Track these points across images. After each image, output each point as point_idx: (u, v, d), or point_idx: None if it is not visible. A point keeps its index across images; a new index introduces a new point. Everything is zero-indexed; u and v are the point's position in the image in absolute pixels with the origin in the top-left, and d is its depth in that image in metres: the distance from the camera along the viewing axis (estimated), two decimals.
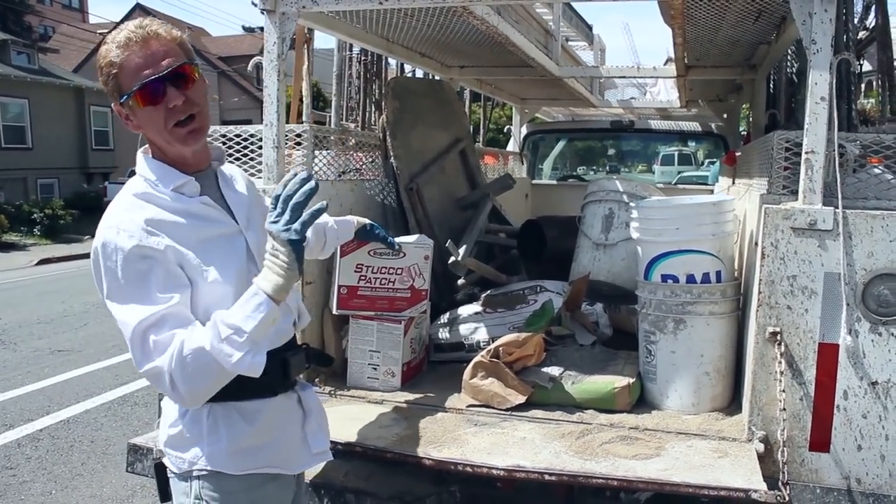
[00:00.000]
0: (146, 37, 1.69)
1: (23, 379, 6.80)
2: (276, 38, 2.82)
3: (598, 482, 2.19)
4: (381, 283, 2.87)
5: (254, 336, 1.60)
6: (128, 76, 1.69)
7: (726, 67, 4.48)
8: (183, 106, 1.71)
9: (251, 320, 1.60)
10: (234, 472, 1.78)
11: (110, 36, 1.73)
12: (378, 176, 3.64)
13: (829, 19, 2.28)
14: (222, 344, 1.59)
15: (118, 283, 1.64)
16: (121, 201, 1.74)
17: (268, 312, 1.62)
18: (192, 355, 1.59)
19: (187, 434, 1.79)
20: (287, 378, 1.89)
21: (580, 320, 3.21)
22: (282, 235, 1.63)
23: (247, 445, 1.80)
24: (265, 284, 1.64)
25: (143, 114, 1.72)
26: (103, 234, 1.67)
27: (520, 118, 7.01)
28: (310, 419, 1.95)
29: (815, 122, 2.29)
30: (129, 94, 1.69)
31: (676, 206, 2.83)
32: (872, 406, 2.28)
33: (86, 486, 4.53)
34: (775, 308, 2.33)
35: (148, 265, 1.64)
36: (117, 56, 1.68)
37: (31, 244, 19.63)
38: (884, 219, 2.23)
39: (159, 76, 1.68)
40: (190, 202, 1.77)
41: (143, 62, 1.68)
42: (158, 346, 1.60)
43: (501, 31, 3.30)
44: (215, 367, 1.60)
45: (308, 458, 1.96)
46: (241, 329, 1.59)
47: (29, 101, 25.13)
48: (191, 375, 1.60)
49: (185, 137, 1.74)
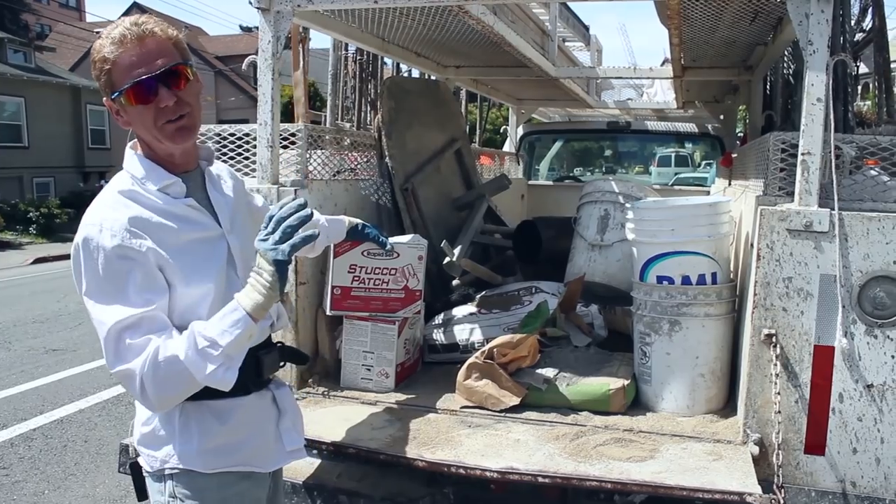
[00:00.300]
0: (141, 35, 1.68)
1: (17, 378, 6.77)
2: (271, 36, 2.81)
3: (592, 484, 2.18)
4: (374, 283, 2.86)
5: (228, 351, 1.61)
6: (120, 73, 1.68)
7: (723, 68, 4.47)
8: (174, 106, 1.70)
9: (227, 335, 1.61)
10: (205, 470, 1.78)
11: (106, 30, 1.72)
12: (373, 176, 3.63)
13: (825, 20, 2.27)
14: (197, 355, 1.60)
15: (97, 281, 1.64)
16: (105, 198, 1.73)
17: (245, 329, 1.63)
18: (166, 363, 1.60)
19: (159, 433, 1.79)
20: (260, 377, 1.90)
21: (575, 321, 3.20)
22: (269, 254, 1.64)
23: (218, 444, 1.80)
24: (246, 301, 1.65)
25: (134, 111, 1.71)
26: (86, 230, 1.66)
27: (516, 119, 7.00)
28: (284, 417, 1.95)
29: (811, 123, 2.29)
30: (121, 91, 1.68)
31: (672, 208, 2.82)
32: (868, 409, 2.27)
33: (79, 485, 4.50)
34: (771, 310, 2.32)
35: (128, 266, 1.64)
36: (111, 52, 1.67)
37: (26, 243, 19.58)
38: (880, 221, 2.23)
39: (151, 75, 1.67)
40: (175, 203, 1.76)
41: (136, 60, 1.67)
42: (132, 348, 1.61)
43: (497, 30, 3.29)
44: (187, 376, 1.61)
45: (282, 456, 1.96)
46: (216, 343, 1.60)
47: (25, 99, 25.05)
48: (162, 382, 1.61)
49: (174, 134, 1.73)
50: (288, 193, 2.81)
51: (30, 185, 24.81)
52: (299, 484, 2.54)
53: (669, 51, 3.82)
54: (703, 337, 2.64)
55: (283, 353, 2.01)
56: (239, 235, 1.87)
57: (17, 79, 24.59)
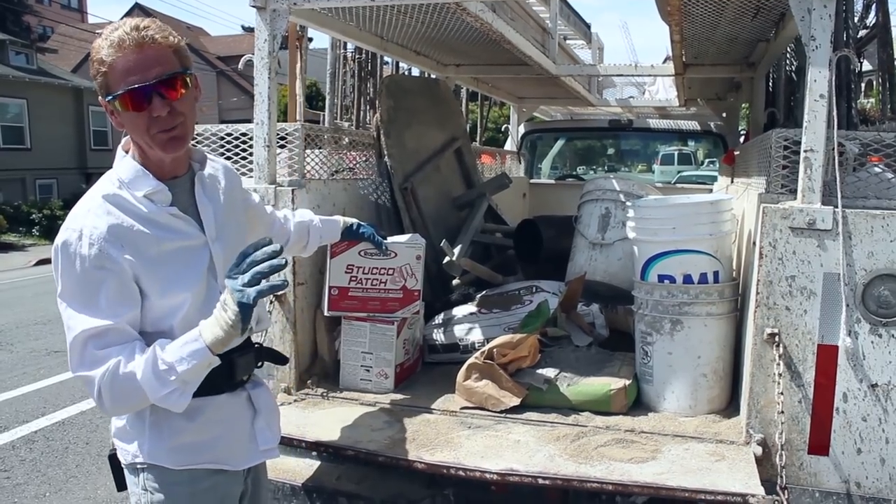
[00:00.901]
0: (141, 41, 1.67)
1: (18, 380, 6.76)
2: (267, 35, 2.79)
3: (593, 486, 2.16)
4: (372, 283, 2.83)
5: (185, 377, 1.65)
6: (116, 78, 1.67)
7: (725, 65, 4.44)
8: (167, 116, 1.70)
9: (185, 363, 1.64)
10: (173, 466, 1.81)
11: (107, 30, 1.71)
12: (372, 175, 3.61)
13: (828, 15, 2.24)
14: (154, 377, 1.63)
15: (71, 287, 1.67)
16: (88, 202, 1.74)
17: (202, 360, 1.65)
18: (123, 378, 1.64)
19: (130, 428, 1.82)
20: (232, 378, 1.90)
21: (576, 321, 3.17)
22: (234, 295, 1.63)
23: (187, 441, 1.82)
24: (207, 335, 1.66)
25: (127, 116, 1.71)
26: (66, 234, 1.68)
27: (517, 117, 6.98)
28: (259, 417, 1.96)
29: (814, 119, 2.26)
30: (115, 95, 1.68)
31: (673, 206, 2.80)
32: (872, 409, 2.25)
33: (80, 488, 4.49)
34: (773, 309, 2.30)
35: (102, 276, 1.66)
36: (108, 55, 1.67)
37: (29, 244, 19.59)
38: (884, 218, 2.21)
39: (146, 84, 1.67)
40: (158, 211, 1.76)
41: (132, 66, 1.66)
42: (96, 358, 1.65)
43: (496, 28, 3.27)
44: (141, 393, 1.65)
45: (255, 454, 1.97)
46: (174, 368, 1.63)
47: (27, 101, 25.06)
48: (118, 395, 1.66)
49: (166, 144, 1.73)
50: (286, 193, 2.79)
51: (32, 187, 24.83)
52: (298, 486, 2.53)
53: (671, 48, 3.79)
54: (705, 336, 2.61)
55: (259, 354, 2.01)
56: (224, 242, 1.87)
57: (20, 80, 24.61)
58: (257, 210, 2.20)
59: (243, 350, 1.93)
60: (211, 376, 1.75)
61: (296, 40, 3.58)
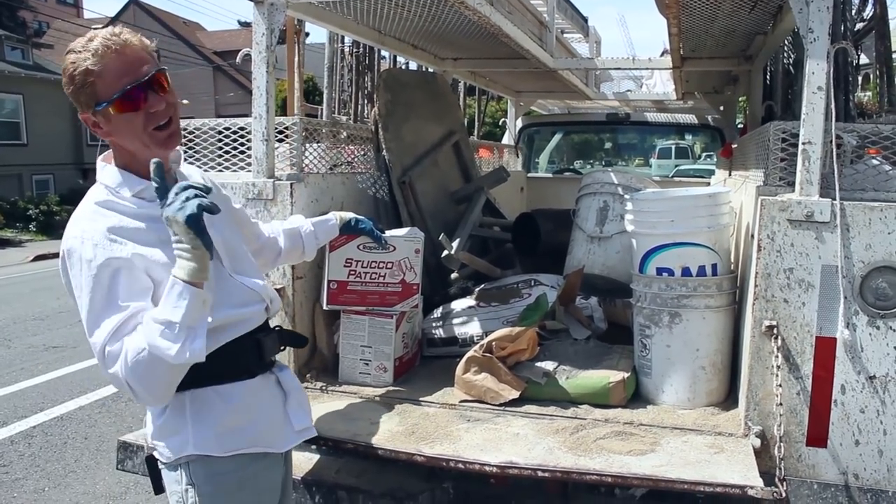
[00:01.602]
0: (122, 44, 1.72)
1: (17, 376, 6.76)
2: (265, 29, 2.79)
3: (592, 478, 2.16)
4: (371, 277, 2.83)
5: (186, 323, 1.62)
6: (108, 84, 1.70)
7: (722, 59, 4.44)
8: (165, 109, 1.76)
9: (178, 310, 1.62)
10: (221, 453, 1.84)
11: (78, 45, 1.74)
12: (370, 169, 3.60)
13: (826, 7, 2.24)
14: (157, 340, 1.61)
15: (83, 291, 1.70)
16: (83, 211, 1.78)
17: (191, 298, 1.63)
18: (136, 358, 1.62)
19: (172, 423, 1.84)
20: (262, 359, 1.96)
21: (574, 314, 3.18)
22: (178, 215, 1.61)
23: (231, 426, 1.85)
24: (179, 272, 1.65)
25: (122, 120, 1.74)
26: (68, 243, 1.72)
27: (515, 111, 6.97)
28: (290, 398, 2.01)
29: (811, 112, 2.26)
30: (110, 101, 1.71)
31: (671, 199, 2.79)
32: (870, 400, 2.25)
33: (79, 482, 4.50)
34: (772, 301, 2.30)
35: (112, 273, 1.68)
36: (94, 64, 1.69)
37: (26, 240, 19.58)
38: (882, 210, 2.21)
39: (140, 82, 1.72)
40: (150, 206, 1.78)
41: (122, 69, 1.71)
42: (113, 355, 1.66)
43: (494, 21, 3.26)
44: (160, 364, 1.63)
45: (292, 435, 2.02)
46: (170, 321, 1.62)
47: (23, 96, 25.00)
48: (142, 377, 1.64)
49: (165, 141, 1.79)
50: (284, 187, 2.79)
51: (29, 183, 24.78)
52: (298, 480, 2.52)
53: (668, 41, 3.78)
54: (703, 329, 2.61)
55: (282, 337, 2.07)
56: (220, 228, 1.89)
57: (15, 76, 24.54)
58: (239, 215, 2.20)
59: (267, 331, 1.99)
60: (241, 358, 1.83)
61: (293, 34, 3.57)
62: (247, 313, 1.91)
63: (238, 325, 1.88)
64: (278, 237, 2.40)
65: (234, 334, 1.86)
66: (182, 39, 36.93)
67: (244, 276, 1.96)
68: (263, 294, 1.97)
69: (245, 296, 1.93)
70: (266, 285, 2.03)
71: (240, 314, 1.89)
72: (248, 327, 1.91)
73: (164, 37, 31.98)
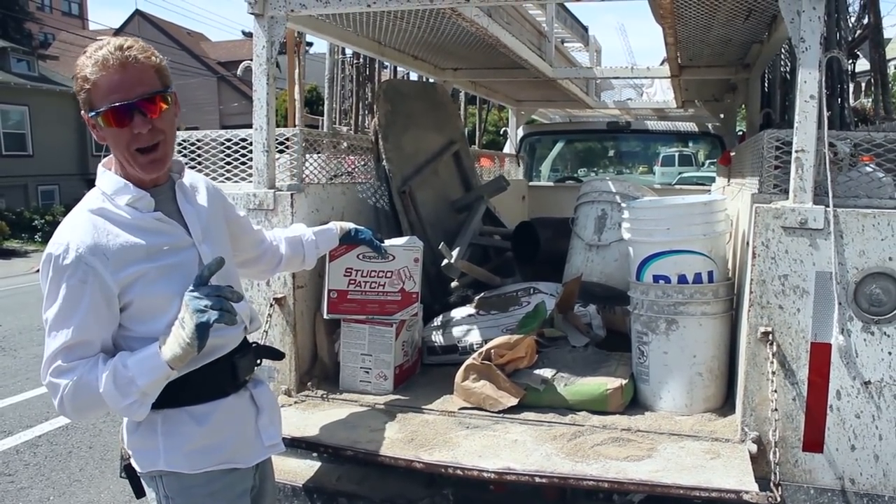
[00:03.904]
0: (124, 61, 1.74)
1: (22, 385, 6.79)
2: (265, 41, 2.82)
3: (589, 484, 2.18)
4: (370, 286, 2.86)
5: (145, 390, 1.74)
6: (99, 96, 1.74)
7: (720, 67, 4.47)
8: (148, 134, 1.77)
9: (145, 377, 1.73)
10: (191, 471, 1.87)
11: (91, 49, 1.77)
12: (370, 179, 3.63)
13: (817, 17, 2.27)
14: (115, 389, 1.72)
15: (54, 298, 1.74)
16: (75, 218, 1.81)
17: (161, 374, 1.74)
18: (86, 390, 1.72)
19: (144, 439, 1.89)
20: (236, 379, 1.98)
21: (573, 322, 3.19)
22: (195, 315, 1.71)
23: (201, 445, 1.88)
24: (165, 351, 1.74)
25: (109, 132, 1.78)
26: (52, 248, 1.75)
27: (516, 120, 7.00)
28: (262, 414, 2.04)
29: (804, 120, 2.29)
30: (98, 112, 1.75)
31: (667, 207, 2.82)
32: (865, 406, 2.27)
33: (83, 491, 4.51)
34: (767, 308, 2.32)
35: (83, 290, 1.73)
36: (92, 73, 1.73)
37: (31, 251, 19.62)
38: (875, 217, 2.23)
39: (128, 102, 1.74)
40: (143, 217, 1.83)
41: (115, 85, 1.73)
42: (62, 369, 1.73)
43: (492, 32, 3.29)
44: (102, 404, 1.75)
45: (261, 450, 2.05)
46: (134, 381, 1.72)
47: (29, 108, 25.13)
48: (79, 406, 1.76)
49: (147, 166, 1.82)
50: (284, 198, 2.82)
51: (34, 193, 24.89)
52: (299, 487, 2.55)
53: (665, 50, 3.82)
54: (700, 335, 2.63)
55: (258, 353, 2.09)
56: (211, 243, 1.94)
57: (21, 87, 24.66)
58: (241, 223, 2.23)
59: (243, 351, 2.00)
60: (215, 379, 1.88)
61: (294, 46, 3.61)
62: (226, 337, 1.93)
63: (215, 349, 1.90)
64: (280, 244, 2.42)
65: (211, 358, 1.88)
66: (186, 50, 37.06)
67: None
68: (243, 315, 1.99)
69: None
70: (246, 305, 2.04)
71: (219, 338, 1.88)
72: (225, 350, 1.93)
73: (168, 47, 32.13)
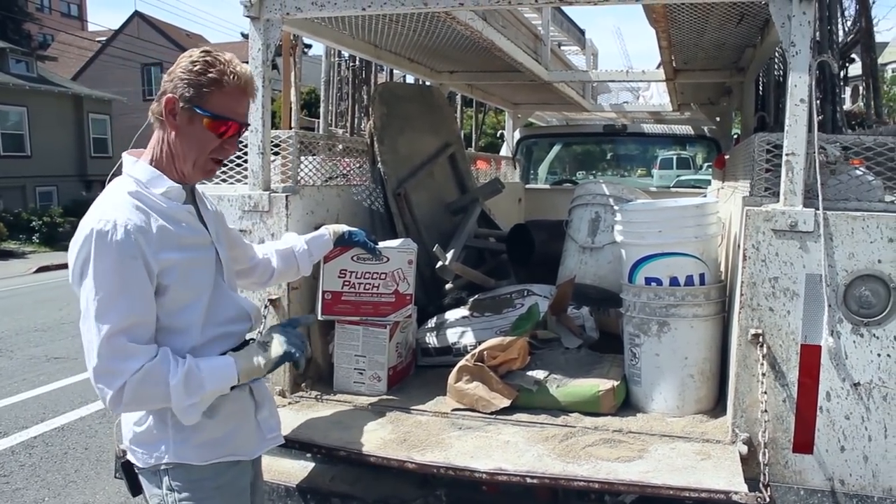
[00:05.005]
0: (250, 90, 1.91)
1: (18, 386, 6.79)
2: (261, 44, 2.83)
3: (580, 485, 2.19)
4: (365, 288, 2.88)
5: (209, 395, 1.84)
6: (220, 101, 1.84)
7: (714, 70, 4.49)
8: (229, 151, 1.95)
9: (215, 383, 1.85)
10: (199, 462, 1.92)
11: (226, 55, 1.87)
12: (366, 181, 3.65)
13: (807, 22, 2.29)
14: (184, 386, 1.78)
15: (105, 275, 1.72)
16: (115, 198, 1.81)
17: (227, 384, 1.88)
18: (157, 380, 1.76)
19: (154, 431, 1.91)
20: None
21: (566, 323, 3.21)
22: (284, 346, 1.97)
23: (209, 437, 1.92)
24: (242, 364, 1.90)
25: (201, 132, 1.85)
26: (99, 224, 1.72)
27: (512, 123, 7.01)
28: (262, 408, 2.09)
29: (795, 123, 2.31)
30: (210, 114, 1.82)
31: (659, 209, 2.84)
32: (855, 407, 2.28)
33: (79, 493, 4.52)
34: (757, 310, 2.34)
35: (137, 266, 1.74)
36: (227, 82, 1.84)
37: (29, 252, 19.64)
38: (864, 220, 2.24)
39: (240, 122, 1.90)
40: (177, 208, 1.88)
41: (238, 104, 1.89)
42: (127, 351, 1.73)
43: (486, 36, 3.31)
44: (165, 399, 1.79)
45: (262, 443, 2.11)
46: (204, 385, 1.82)
47: (28, 109, 25.13)
48: (143, 394, 1.77)
49: (208, 173, 1.97)
50: (280, 199, 2.83)
51: (32, 195, 24.87)
52: (293, 487, 2.56)
53: (660, 53, 3.84)
54: (691, 337, 2.65)
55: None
56: (223, 245, 2.02)
57: (20, 88, 24.66)
58: (233, 235, 2.27)
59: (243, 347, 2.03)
60: None
61: (290, 49, 3.62)
62: (234, 330, 2.00)
63: (224, 341, 1.96)
64: (272, 258, 2.45)
65: (218, 351, 1.93)
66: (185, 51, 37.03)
67: (236, 292, 2.07)
68: (252, 313, 2.07)
69: (236, 312, 2.01)
70: (254, 304, 2.14)
71: (228, 331, 1.97)
72: (232, 344, 1.98)
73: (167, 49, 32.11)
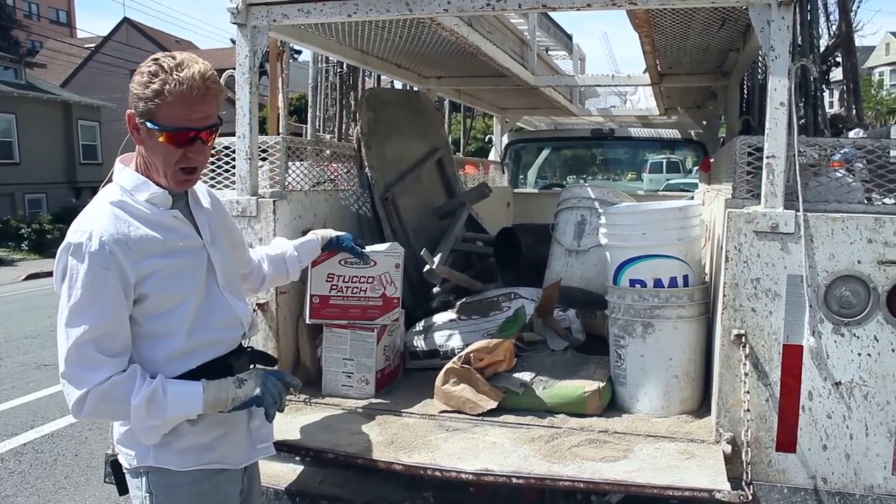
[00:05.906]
0: (206, 92, 1.79)
1: (7, 394, 6.77)
2: (248, 51, 2.85)
3: (565, 485, 2.21)
4: (352, 291, 2.89)
5: (170, 420, 1.82)
6: (168, 113, 1.77)
7: (699, 75, 4.53)
8: (197, 158, 1.86)
9: (177, 409, 1.82)
10: (178, 468, 1.90)
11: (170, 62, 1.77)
12: (353, 186, 3.67)
13: (786, 26, 2.32)
14: (146, 407, 1.77)
15: (77, 285, 1.75)
16: (96, 209, 1.83)
17: (191, 413, 1.84)
18: (119, 396, 1.76)
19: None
20: None
21: (552, 326, 3.23)
22: (260, 390, 1.90)
23: (192, 444, 1.91)
24: (209, 396, 1.84)
25: (162, 147, 1.81)
26: (75, 237, 1.76)
27: (500, 128, 7.04)
28: (254, 416, 2.06)
29: (774, 127, 2.34)
30: (161, 127, 1.78)
31: (643, 212, 2.87)
32: (837, 406, 2.31)
33: (69, 499, 4.51)
34: (740, 311, 2.36)
35: (107, 277, 1.74)
36: (170, 91, 1.75)
37: (18, 259, 19.54)
38: (844, 221, 2.27)
39: (194, 130, 1.81)
40: (161, 214, 1.87)
41: (189, 111, 1.78)
42: (94, 360, 1.76)
43: (472, 41, 3.34)
44: (125, 415, 1.79)
45: (252, 452, 2.08)
46: (166, 409, 1.79)
47: (16, 116, 25.01)
48: (102, 409, 1.79)
49: (183, 183, 1.89)
50: (267, 204, 2.85)
51: (21, 202, 24.75)
52: (282, 490, 2.57)
53: (644, 58, 3.87)
54: (675, 339, 2.68)
55: (252, 357, 2.10)
56: (218, 247, 2.00)
57: (8, 95, 24.56)
58: (236, 237, 2.26)
59: (239, 354, 2.04)
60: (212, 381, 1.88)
61: (277, 55, 3.64)
62: (224, 337, 1.97)
63: (214, 347, 1.94)
64: (263, 263, 2.45)
65: (207, 357, 1.92)
66: None
67: (234, 296, 2.03)
68: (244, 320, 2.04)
69: (227, 318, 1.98)
70: (247, 309, 2.10)
71: (217, 337, 1.95)
72: (222, 351, 1.96)
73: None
